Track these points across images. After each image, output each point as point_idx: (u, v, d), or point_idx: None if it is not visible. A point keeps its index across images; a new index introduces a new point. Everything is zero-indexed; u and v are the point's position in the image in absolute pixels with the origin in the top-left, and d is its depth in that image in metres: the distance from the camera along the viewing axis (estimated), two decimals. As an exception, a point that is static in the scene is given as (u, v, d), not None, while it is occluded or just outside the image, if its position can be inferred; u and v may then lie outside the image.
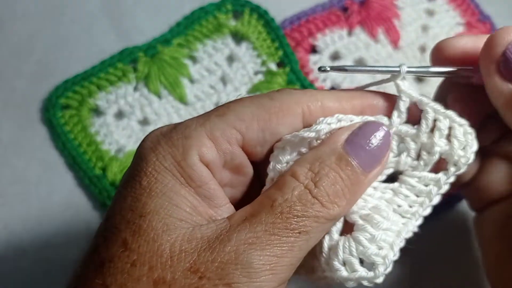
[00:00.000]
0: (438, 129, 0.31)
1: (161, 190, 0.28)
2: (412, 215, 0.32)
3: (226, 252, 0.27)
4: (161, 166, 0.29)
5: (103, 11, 0.54)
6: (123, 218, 0.28)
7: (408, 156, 0.32)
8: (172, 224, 0.28)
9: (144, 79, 0.51)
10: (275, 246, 0.27)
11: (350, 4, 0.54)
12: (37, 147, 0.49)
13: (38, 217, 0.47)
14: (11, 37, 0.52)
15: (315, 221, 0.28)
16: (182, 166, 0.29)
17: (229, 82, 0.51)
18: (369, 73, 0.33)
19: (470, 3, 0.56)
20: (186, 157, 0.29)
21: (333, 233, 0.31)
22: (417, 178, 0.32)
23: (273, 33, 0.52)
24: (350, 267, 0.30)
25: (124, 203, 0.29)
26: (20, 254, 0.46)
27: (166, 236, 0.27)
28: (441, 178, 0.32)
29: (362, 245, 0.30)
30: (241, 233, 0.27)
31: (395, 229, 0.31)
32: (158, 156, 0.29)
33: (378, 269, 0.30)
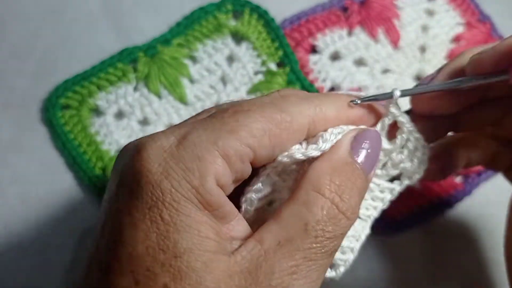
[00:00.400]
0: (408, 149, 0.35)
1: (186, 223, 0.26)
2: (368, 218, 0.35)
3: (273, 286, 0.27)
4: (178, 195, 0.27)
5: (103, 11, 0.54)
6: (155, 260, 0.26)
7: None
8: (209, 261, 0.26)
9: (144, 79, 0.51)
10: (313, 271, 0.28)
11: (350, 4, 0.54)
12: (37, 147, 0.49)
13: (38, 217, 0.47)
14: (11, 37, 0.52)
15: (342, 238, 0.30)
16: (200, 193, 0.27)
17: (229, 82, 0.51)
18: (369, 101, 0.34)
19: (470, 3, 0.56)
20: (204, 183, 0.27)
21: None
22: (377, 185, 0.35)
23: (273, 33, 0.52)
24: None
25: (148, 240, 0.26)
26: (20, 254, 0.46)
27: (208, 276, 0.26)
28: (395, 187, 0.36)
29: None
30: (282, 262, 0.27)
31: (356, 235, 0.34)
32: (172, 182, 0.27)
33: (339, 269, 0.34)
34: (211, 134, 0.28)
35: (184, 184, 0.27)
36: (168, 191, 0.27)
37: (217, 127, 0.28)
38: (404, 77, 0.53)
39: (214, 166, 0.27)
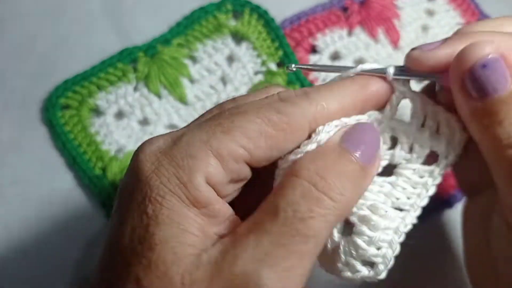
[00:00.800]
0: (428, 124, 0.33)
1: (168, 215, 0.27)
2: (411, 207, 0.33)
3: (236, 275, 0.25)
4: (165, 189, 0.28)
5: (103, 11, 0.54)
6: (133, 252, 0.27)
7: (402, 149, 0.34)
8: (181, 253, 0.27)
9: (144, 79, 0.51)
10: (284, 259, 0.26)
11: (350, 4, 0.54)
12: (37, 147, 0.49)
13: (38, 217, 0.47)
14: (11, 37, 0.52)
15: (324, 221, 0.27)
16: (188, 188, 0.28)
17: (229, 82, 0.51)
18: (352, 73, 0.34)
19: (470, 3, 0.56)
20: (192, 179, 0.28)
21: (334, 234, 0.32)
22: (412, 170, 0.33)
23: (273, 33, 0.52)
24: (352, 268, 0.31)
25: (133, 234, 0.27)
26: (20, 254, 0.46)
27: (176, 267, 0.26)
28: (434, 169, 0.33)
29: (361, 248, 0.31)
30: (247, 250, 0.26)
31: (393, 226, 0.32)
32: (161, 178, 0.28)
33: (379, 267, 0.31)
34: (205, 135, 0.29)
35: (173, 180, 0.28)
36: (155, 187, 0.28)
37: (212, 128, 0.29)
38: (404, 77, 0.53)
39: (205, 164, 0.28)
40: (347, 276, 0.32)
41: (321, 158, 0.29)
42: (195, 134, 0.29)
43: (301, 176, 0.28)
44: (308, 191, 0.27)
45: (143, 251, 0.27)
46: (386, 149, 0.34)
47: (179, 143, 0.29)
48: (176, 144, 0.29)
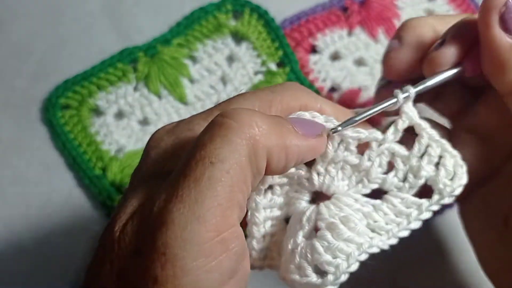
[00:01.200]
0: (429, 154, 0.32)
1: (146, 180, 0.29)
2: (386, 232, 0.32)
3: (153, 218, 0.25)
4: (159, 159, 0.29)
5: (103, 11, 0.54)
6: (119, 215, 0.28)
7: (395, 176, 0.33)
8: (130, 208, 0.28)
9: (144, 79, 0.51)
10: (192, 189, 0.25)
11: (350, 4, 0.54)
12: (37, 147, 0.49)
13: (38, 217, 0.47)
14: (11, 37, 0.52)
15: (226, 142, 0.26)
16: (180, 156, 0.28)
17: (229, 82, 0.51)
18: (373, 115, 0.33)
19: (470, 3, 0.56)
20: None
21: (298, 236, 0.31)
22: (400, 199, 0.32)
23: (273, 33, 0.52)
24: (302, 271, 0.30)
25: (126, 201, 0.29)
26: (20, 254, 0.46)
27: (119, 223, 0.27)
28: (423, 203, 0.32)
29: (317, 252, 0.30)
30: (162, 193, 0.26)
31: (357, 241, 0.30)
32: (159, 150, 0.30)
33: (328, 277, 0.30)
34: (204, 114, 0.31)
35: (170, 151, 0.29)
36: (151, 157, 0.30)
37: (210, 109, 0.32)
38: (404, 77, 0.53)
39: None
40: (295, 280, 0.31)
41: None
42: (195, 115, 0.32)
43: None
44: (212, 122, 0.27)
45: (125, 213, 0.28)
46: (380, 173, 0.33)
47: (182, 122, 0.31)
48: (179, 123, 0.31)
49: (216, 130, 0.26)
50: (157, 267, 0.24)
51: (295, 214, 0.33)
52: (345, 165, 0.33)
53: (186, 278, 0.24)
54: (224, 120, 0.26)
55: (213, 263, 0.25)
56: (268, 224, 0.34)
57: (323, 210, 0.32)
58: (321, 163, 0.32)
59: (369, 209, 0.32)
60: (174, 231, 0.24)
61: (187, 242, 0.24)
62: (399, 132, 0.32)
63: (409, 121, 0.32)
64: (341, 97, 0.51)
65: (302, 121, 0.30)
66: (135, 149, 0.49)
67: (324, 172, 0.33)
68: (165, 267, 0.24)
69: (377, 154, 0.32)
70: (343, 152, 0.32)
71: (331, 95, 0.52)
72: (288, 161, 0.29)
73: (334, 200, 0.32)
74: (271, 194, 0.33)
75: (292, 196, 0.34)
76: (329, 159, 0.32)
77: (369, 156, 0.32)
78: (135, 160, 0.48)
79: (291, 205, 0.34)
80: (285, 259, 0.32)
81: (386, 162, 0.33)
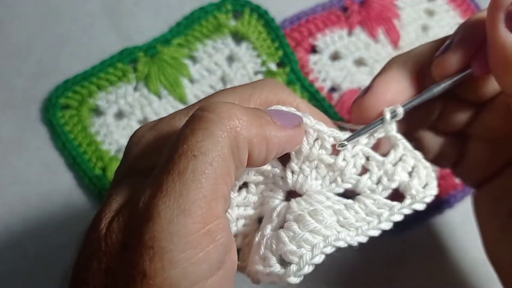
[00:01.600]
0: (403, 162, 0.33)
1: (129, 176, 0.29)
2: (355, 229, 0.31)
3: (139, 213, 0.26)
4: (141, 154, 0.30)
5: (103, 11, 0.54)
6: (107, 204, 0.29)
7: (369, 178, 0.33)
8: (115, 205, 0.28)
9: (144, 79, 0.51)
10: (177, 183, 0.25)
11: (350, 4, 0.54)
12: (37, 147, 0.49)
13: (38, 217, 0.47)
14: (11, 37, 0.52)
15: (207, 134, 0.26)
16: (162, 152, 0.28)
17: (229, 82, 0.51)
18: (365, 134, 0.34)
19: (470, 3, 0.56)
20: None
21: (266, 229, 0.32)
22: (373, 200, 0.33)
23: (273, 33, 0.52)
24: (266, 262, 0.30)
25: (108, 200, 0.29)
26: (20, 254, 0.46)
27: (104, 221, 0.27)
28: (395, 205, 0.33)
29: (282, 242, 0.30)
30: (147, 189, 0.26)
31: (323, 233, 0.30)
32: (140, 146, 0.30)
33: (291, 267, 0.29)
34: (186, 110, 0.32)
35: (152, 145, 0.30)
36: (133, 154, 0.30)
37: (191, 106, 0.32)
38: (404, 77, 0.53)
39: None
40: (258, 270, 0.31)
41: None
42: (178, 111, 0.32)
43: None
44: (192, 116, 0.27)
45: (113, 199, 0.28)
46: (354, 173, 0.33)
47: (163, 119, 0.32)
48: (161, 119, 0.32)
49: (196, 123, 0.26)
50: (145, 261, 0.24)
51: (267, 212, 0.33)
52: (320, 164, 0.33)
53: (174, 271, 0.24)
54: (204, 113, 0.27)
55: (200, 254, 0.25)
56: (240, 223, 0.34)
57: (293, 205, 0.32)
58: (296, 160, 0.33)
59: (340, 207, 0.32)
60: (161, 225, 0.24)
61: (174, 235, 0.24)
62: (374, 139, 0.34)
63: (385, 132, 0.34)
64: (341, 97, 0.51)
65: (280, 113, 0.31)
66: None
67: (298, 171, 0.33)
68: (153, 260, 0.24)
69: (352, 155, 0.33)
70: (318, 150, 0.33)
71: (331, 95, 0.52)
72: (268, 152, 0.29)
73: (305, 197, 0.33)
74: (245, 192, 0.33)
75: (266, 195, 0.34)
76: (303, 156, 0.33)
77: (344, 156, 0.33)
78: (135, 160, 0.48)
79: (265, 205, 0.34)
80: (252, 252, 0.32)
81: (361, 164, 0.33)
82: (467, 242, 0.49)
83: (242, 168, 0.28)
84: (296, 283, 0.30)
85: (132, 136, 0.32)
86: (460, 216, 0.50)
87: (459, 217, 0.50)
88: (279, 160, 0.33)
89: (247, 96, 0.32)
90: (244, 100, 0.32)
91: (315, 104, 0.50)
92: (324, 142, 0.33)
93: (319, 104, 0.50)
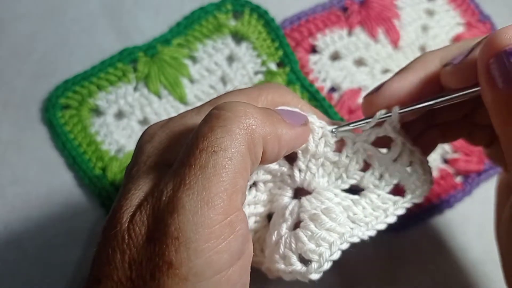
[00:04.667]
0: (401, 158, 0.35)
1: (145, 171, 0.30)
2: (365, 224, 0.34)
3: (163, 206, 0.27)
4: (154, 151, 0.31)
5: (103, 11, 0.54)
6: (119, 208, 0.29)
7: (372, 175, 0.35)
8: (136, 200, 0.28)
9: (144, 79, 0.51)
10: (199, 177, 0.27)
11: (350, 4, 0.54)
12: (37, 147, 0.49)
13: (38, 217, 0.47)
14: (11, 37, 0.52)
15: (225, 131, 0.28)
16: (176, 149, 0.30)
17: (229, 82, 0.51)
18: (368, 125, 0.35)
19: (470, 3, 0.56)
20: (182, 141, 0.30)
21: (282, 228, 0.33)
22: (377, 195, 0.35)
23: (273, 33, 0.52)
24: (287, 261, 0.32)
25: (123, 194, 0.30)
26: (20, 255, 0.46)
27: (126, 214, 0.28)
28: (398, 200, 0.35)
29: (301, 241, 0.32)
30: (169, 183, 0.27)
31: (339, 231, 0.32)
32: (154, 143, 0.31)
33: (312, 265, 0.32)
34: (196, 110, 0.33)
35: (165, 143, 0.30)
36: (146, 151, 0.31)
37: (201, 106, 0.33)
38: (404, 77, 0.53)
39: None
40: (280, 269, 0.33)
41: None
42: (187, 111, 0.33)
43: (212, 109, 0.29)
44: (209, 114, 0.29)
45: (114, 205, 0.29)
46: (357, 169, 0.35)
47: (174, 117, 0.33)
48: (171, 119, 0.33)
49: (214, 121, 0.28)
50: (171, 251, 0.26)
51: (278, 209, 0.35)
52: (325, 162, 0.35)
53: (199, 260, 0.26)
54: (221, 112, 0.28)
55: (223, 244, 0.26)
56: (252, 220, 0.36)
57: (305, 203, 0.34)
58: (303, 159, 0.35)
59: (349, 203, 0.34)
60: (186, 216, 0.26)
61: (198, 226, 0.26)
62: (373, 135, 0.35)
63: (384, 132, 0.35)
64: (341, 97, 0.51)
65: (288, 112, 0.33)
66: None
67: (305, 169, 0.35)
68: (179, 250, 0.26)
69: (353, 151, 0.35)
70: (324, 148, 0.34)
71: (331, 95, 0.52)
72: (280, 149, 0.31)
73: (315, 194, 0.34)
74: (255, 190, 0.35)
75: (275, 193, 0.36)
76: (310, 154, 0.34)
77: (347, 153, 0.35)
78: (135, 160, 0.48)
79: (274, 202, 0.36)
80: (270, 251, 0.34)
81: (362, 160, 0.35)
82: (467, 242, 0.49)
83: (257, 164, 0.30)
84: (316, 279, 0.32)
85: (144, 134, 0.33)
86: (460, 216, 0.50)
87: (459, 217, 0.50)
88: (286, 159, 0.35)
89: (255, 97, 0.33)
90: (252, 101, 0.33)
91: (315, 104, 0.50)
92: (328, 139, 0.34)
93: (319, 104, 0.50)
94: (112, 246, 0.27)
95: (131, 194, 0.28)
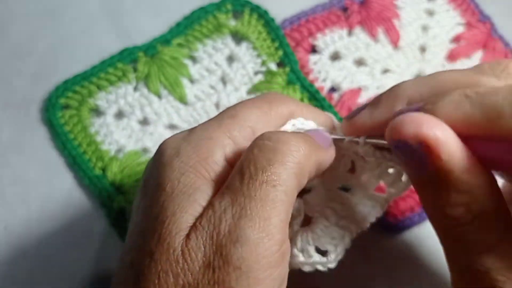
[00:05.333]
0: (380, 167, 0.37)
1: (182, 189, 0.30)
2: (362, 217, 0.37)
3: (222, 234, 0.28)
4: (185, 167, 0.30)
5: (103, 11, 0.54)
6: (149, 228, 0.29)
7: (359, 177, 0.38)
8: (185, 223, 0.28)
9: (144, 79, 0.51)
10: (260, 209, 0.28)
11: (350, 4, 0.54)
12: (37, 147, 0.49)
13: (38, 217, 0.47)
14: (11, 37, 0.52)
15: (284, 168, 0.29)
16: (208, 163, 0.31)
17: (229, 82, 0.51)
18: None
19: (470, 3, 0.56)
20: (213, 155, 0.31)
21: (294, 226, 0.36)
22: (365, 192, 0.38)
23: (273, 33, 0.52)
24: (307, 253, 0.35)
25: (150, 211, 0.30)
26: (20, 255, 0.46)
27: (178, 238, 0.28)
28: (382, 196, 0.38)
29: (317, 235, 0.36)
30: (226, 210, 0.28)
31: (344, 224, 0.37)
32: (182, 158, 0.31)
33: (330, 255, 0.36)
34: (215, 122, 0.33)
35: (194, 157, 0.31)
36: (177, 166, 0.30)
37: (219, 117, 0.34)
38: (404, 77, 0.53)
39: (222, 144, 0.32)
40: (300, 262, 0.35)
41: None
42: (206, 123, 0.33)
43: (259, 138, 0.31)
44: (264, 145, 0.30)
45: (156, 225, 0.29)
46: (346, 171, 0.38)
47: (195, 130, 0.33)
48: (192, 131, 0.33)
49: (271, 155, 0.29)
50: (232, 279, 0.27)
51: None
52: None
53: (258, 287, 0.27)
54: (275, 145, 0.30)
55: (276, 272, 0.28)
56: None
57: (310, 200, 0.37)
58: None
59: (344, 199, 0.38)
60: (250, 247, 0.27)
61: (260, 256, 0.27)
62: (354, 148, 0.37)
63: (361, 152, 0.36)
64: (341, 97, 0.51)
65: (318, 134, 0.34)
66: (135, 149, 0.49)
67: None
68: (240, 279, 0.27)
69: (341, 154, 0.37)
70: None
71: (331, 95, 0.52)
72: (317, 173, 0.33)
73: (315, 192, 0.37)
74: None
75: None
76: None
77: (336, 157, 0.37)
78: (135, 160, 0.48)
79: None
80: None
81: (350, 161, 0.38)
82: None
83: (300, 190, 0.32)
84: (334, 267, 0.36)
85: (166, 148, 0.32)
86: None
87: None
88: None
89: (267, 110, 0.35)
90: (265, 114, 0.34)
91: (315, 104, 0.50)
92: None
93: (319, 104, 0.50)
94: (164, 270, 0.28)
95: (178, 217, 0.29)
